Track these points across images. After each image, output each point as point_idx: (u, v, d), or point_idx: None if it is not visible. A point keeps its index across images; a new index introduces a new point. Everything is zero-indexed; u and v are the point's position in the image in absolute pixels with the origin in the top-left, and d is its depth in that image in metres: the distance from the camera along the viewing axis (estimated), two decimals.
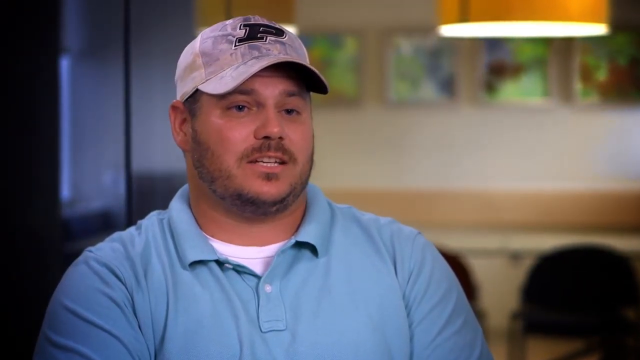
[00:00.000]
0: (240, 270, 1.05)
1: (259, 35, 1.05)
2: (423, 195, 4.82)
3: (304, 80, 1.06)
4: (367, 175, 4.88)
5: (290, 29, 3.60)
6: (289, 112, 1.05)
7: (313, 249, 1.07)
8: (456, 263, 3.51)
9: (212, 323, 1.03)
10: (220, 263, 1.06)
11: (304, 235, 1.07)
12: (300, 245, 1.07)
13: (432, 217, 4.74)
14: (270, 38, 1.05)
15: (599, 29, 2.90)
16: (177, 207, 1.09)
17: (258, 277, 1.05)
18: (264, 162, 1.04)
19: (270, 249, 1.07)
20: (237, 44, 1.04)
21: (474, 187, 4.82)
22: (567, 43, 4.74)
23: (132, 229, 1.10)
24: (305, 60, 1.07)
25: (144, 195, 2.07)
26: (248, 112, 1.04)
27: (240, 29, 1.05)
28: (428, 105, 4.86)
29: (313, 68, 1.04)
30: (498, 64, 4.82)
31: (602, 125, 4.76)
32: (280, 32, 1.06)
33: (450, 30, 3.02)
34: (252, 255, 1.07)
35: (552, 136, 4.80)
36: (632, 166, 4.76)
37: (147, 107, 2.02)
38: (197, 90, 1.05)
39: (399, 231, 1.11)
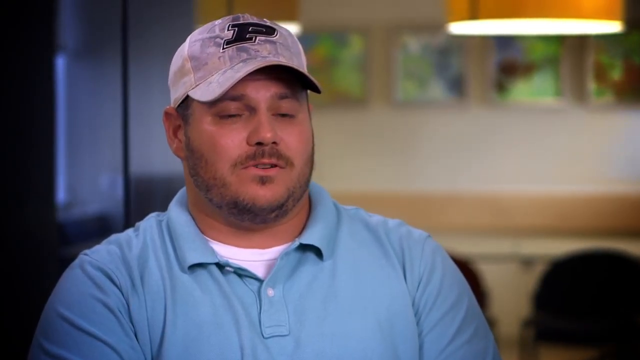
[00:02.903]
0: (241, 273, 1.04)
1: (247, 36, 1.02)
2: (431, 198, 4.78)
3: (298, 79, 1.03)
4: (372, 177, 4.84)
5: (294, 27, 3.55)
6: (284, 115, 1.03)
7: (318, 252, 1.05)
8: (466, 268, 3.47)
9: (212, 328, 1.01)
10: (220, 266, 1.04)
11: (309, 238, 1.05)
12: (304, 247, 1.05)
13: (441, 221, 4.71)
14: (259, 38, 1.03)
15: (614, 27, 2.86)
16: (176, 209, 1.08)
17: (260, 280, 1.04)
18: (258, 167, 1.02)
19: (273, 252, 1.05)
20: (225, 46, 1.02)
21: (484, 190, 4.80)
22: (581, 41, 4.73)
23: (129, 231, 1.09)
24: (300, 59, 1.05)
25: (143, 199, 2.05)
26: (240, 117, 1.02)
27: (228, 29, 1.03)
28: (436, 106, 4.84)
29: (301, 69, 1.02)
30: (509, 62, 4.80)
31: (617, 126, 4.75)
32: (271, 31, 1.03)
33: (459, 27, 2.98)
34: (254, 257, 1.05)
35: (565, 137, 4.78)
36: None
37: (145, 108, 1.99)
38: (187, 96, 1.04)
39: (408, 234, 1.09)
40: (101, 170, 2.11)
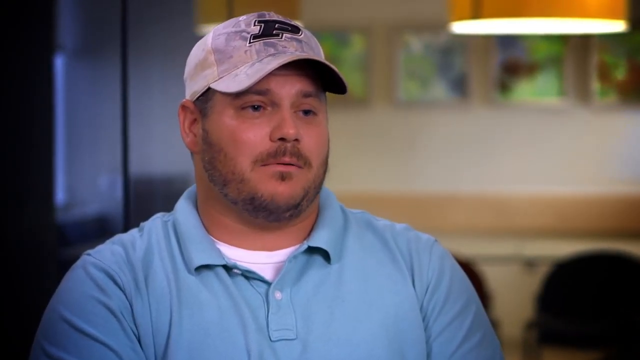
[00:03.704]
0: (249, 276, 1.03)
1: (274, 32, 1.03)
2: (433, 199, 4.77)
3: (320, 80, 1.03)
4: (374, 177, 4.83)
5: None
6: (305, 112, 1.03)
7: (325, 255, 1.05)
8: (468, 270, 3.44)
9: (219, 331, 1.00)
10: (228, 268, 1.03)
11: (316, 240, 1.05)
12: (312, 250, 1.05)
13: (443, 222, 4.70)
14: (286, 35, 1.03)
15: (618, 26, 2.84)
16: (183, 209, 1.07)
17: (268, 283, 1.03)
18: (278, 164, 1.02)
19: (281, 254, 1.05)
20: (251, 40, 1.02)
21: (487, 190, 4.78)
22: (584, 40, 4.73)
23: (134, 231, 1.08)
24: (323, 59, 1.04)
25: (142, 199, 2.04)
26: (263, 112, 1.02)
27: (254, 25, 1.03)
28: (439, 106, 4.83)
29: (334, 67, 1.02)
30: (512, 62, 4.79)
31: (621, 126, 4.75)
32: (296, 30, 1.04)
33: (462, 27, 2.96)
34: (261, 260, 1.05)
35: (569, 138, 4.77)
36: None
37: (145, 108, 1.99)
38: (209, 89, 1.03)
39: (416, 239, 1.09)
40: (100, 170, 2.10)
